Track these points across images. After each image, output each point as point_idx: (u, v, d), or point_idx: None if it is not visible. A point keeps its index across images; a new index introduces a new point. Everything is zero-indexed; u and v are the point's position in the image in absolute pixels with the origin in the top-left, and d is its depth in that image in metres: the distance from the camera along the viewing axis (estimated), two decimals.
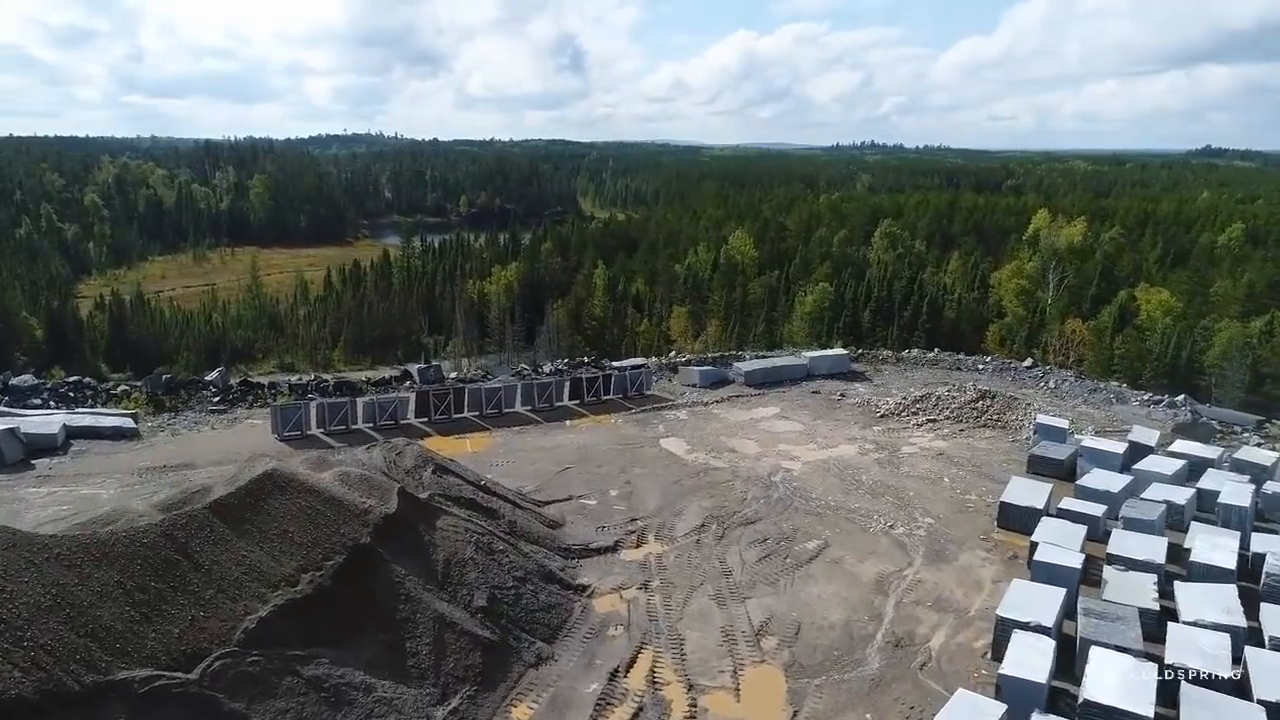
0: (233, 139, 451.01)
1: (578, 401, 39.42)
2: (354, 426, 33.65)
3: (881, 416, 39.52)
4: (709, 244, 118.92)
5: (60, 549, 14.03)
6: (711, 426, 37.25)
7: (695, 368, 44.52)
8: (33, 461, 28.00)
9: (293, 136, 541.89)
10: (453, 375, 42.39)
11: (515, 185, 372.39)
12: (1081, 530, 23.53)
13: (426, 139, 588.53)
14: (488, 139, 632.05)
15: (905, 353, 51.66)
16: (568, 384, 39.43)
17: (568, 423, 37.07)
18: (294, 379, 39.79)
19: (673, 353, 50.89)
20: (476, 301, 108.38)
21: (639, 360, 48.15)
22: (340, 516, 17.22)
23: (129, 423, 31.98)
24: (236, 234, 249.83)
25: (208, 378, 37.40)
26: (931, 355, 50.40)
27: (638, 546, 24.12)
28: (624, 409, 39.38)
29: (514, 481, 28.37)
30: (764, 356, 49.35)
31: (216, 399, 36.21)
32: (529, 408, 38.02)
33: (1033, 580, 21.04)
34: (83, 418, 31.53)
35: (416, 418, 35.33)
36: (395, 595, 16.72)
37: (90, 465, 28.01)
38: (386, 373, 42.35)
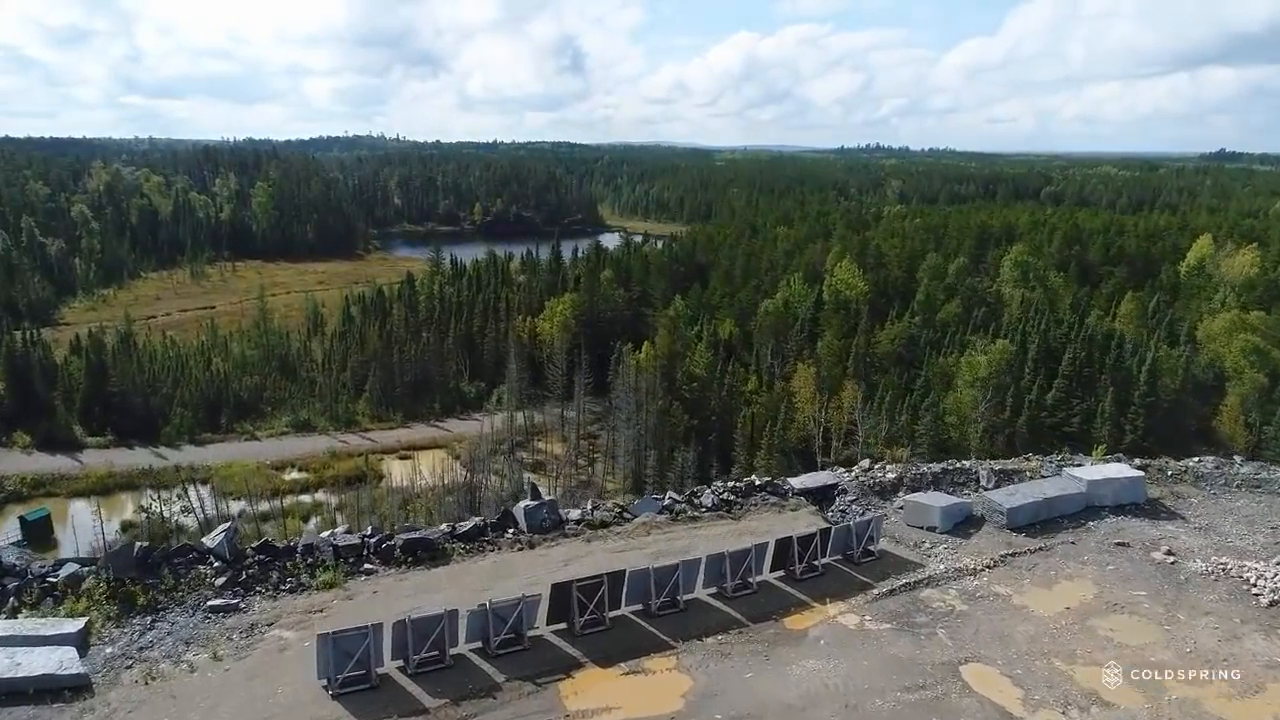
0: (233, 141, 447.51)
1: (782, 574, 27.02)
2: (454, 651, 21.42)
3: (1270, 605, 26.53)
4: (801, 272, 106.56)
5: None
6: (1021, 630, 24.54)
7: (931, 501, 32.04)
8: None
9: (293, 138, 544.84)
10: (573, 515, 30.12)
11: (533, 192, 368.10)
12: None
13: (428, 141, 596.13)
14: (491, 141, 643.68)
15: (1195, 462, 38.57)
16: (771, 549, 26.87)
17: (785, 622, 24.69)
18: (340, 534, 27.75)
19: (865, 461, 38.21)
20: (528, 342, 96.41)
21: (827, 478, 35.72)
22: None
23: (69, 659, 20.00)
24: (238, 247, 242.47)
25: (208, 543, 25.51)
26: (1247, 469, 37.27)
27: None
28: (858, 586, 26.89)
29: None
30: (1005, 471, 36.61)
31: (220, 581, 24.37)
32: (714, 590, 25.77)
33: None
34: None
35: (550, 624, 23.05)
36: None
37: None
38: (476, 519, 30.32)
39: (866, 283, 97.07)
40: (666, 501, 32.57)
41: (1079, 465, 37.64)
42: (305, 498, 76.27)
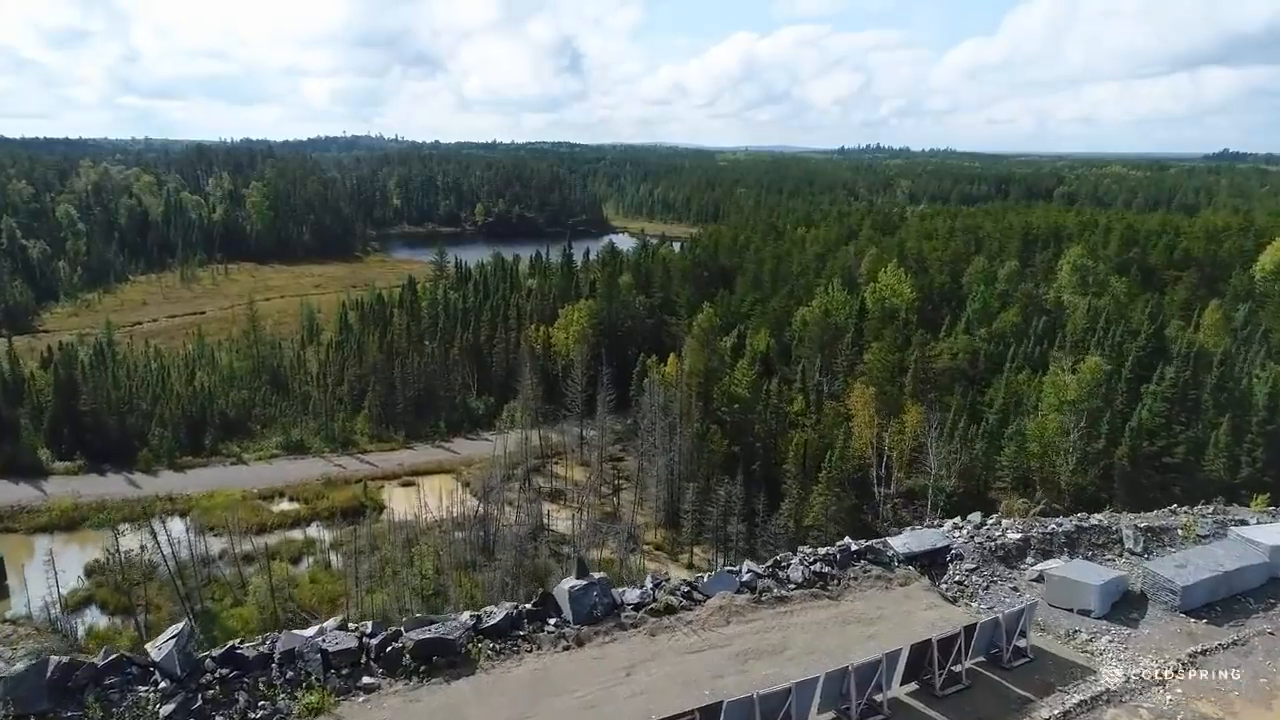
0: (228, 141, 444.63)
1: (915, 687, 21.14)
2: None
3: None
4: (838, 277, 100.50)
5: None
6: None
7: (1082, 576, 26.24)
8: None
9: (291, 139, 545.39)
10: (630, 599, 24.25)
11: (535, 193, 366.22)
12: None
13: (427, 141, 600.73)
14: (490, 141, 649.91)
15: None
16: (903, 658, 20.89)
17: None
18: (331, 632, 21.73)
19: (978, 515, 32.08)
20: (541, 354, 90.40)
21: (937, 539, 29.83)
22: None
23: None
24: (231, 249, 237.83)
25: (153, 654, 19.59)
26: None
27: None
28: (1016, 704, 21.05)
29: None
30: (1152, 529, 30.63)
31: (169, 710, 18.63)
32: (832, 714, 19.85)
33: None
34: None
35: None
36: None
37: None
38: (507, 604, 24.41)
39: (913, 289, 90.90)
40: (745, 576, 26.53)
41: (1243, 523, 31.50)
42: (296, 533, 69.74)
